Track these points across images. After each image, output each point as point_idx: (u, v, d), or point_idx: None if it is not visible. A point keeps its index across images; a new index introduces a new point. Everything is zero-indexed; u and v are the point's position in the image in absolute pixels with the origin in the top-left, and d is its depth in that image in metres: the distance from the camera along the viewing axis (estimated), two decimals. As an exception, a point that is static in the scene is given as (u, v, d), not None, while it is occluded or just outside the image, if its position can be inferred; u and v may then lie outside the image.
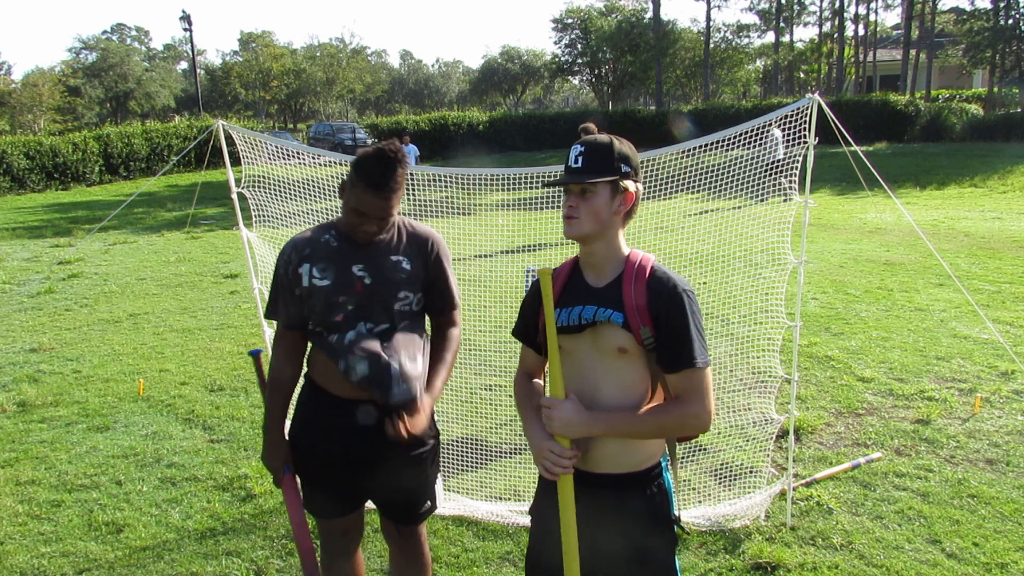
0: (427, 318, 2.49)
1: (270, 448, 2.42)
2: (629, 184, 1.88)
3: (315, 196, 4.10)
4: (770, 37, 43.80)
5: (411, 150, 17.48)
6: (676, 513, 1.97)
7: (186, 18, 40.16)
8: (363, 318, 2.27)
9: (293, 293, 2.30)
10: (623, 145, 1.90)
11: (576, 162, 1.87)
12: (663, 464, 1.97)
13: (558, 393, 1.86)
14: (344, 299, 2.25)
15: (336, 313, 2.26)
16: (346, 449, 2.35)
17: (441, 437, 2.56)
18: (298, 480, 2.46)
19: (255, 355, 2.70)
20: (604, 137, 1.91)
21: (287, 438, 2.46)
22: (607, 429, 1.84)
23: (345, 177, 2.26)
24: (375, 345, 2.24)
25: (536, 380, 2.14)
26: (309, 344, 2.41)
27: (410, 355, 2.28)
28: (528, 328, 2.08)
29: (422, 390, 2.29)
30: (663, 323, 1.81)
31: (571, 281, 1.97)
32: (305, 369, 2.44)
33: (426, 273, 2.35)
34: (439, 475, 2.52)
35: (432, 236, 2.38)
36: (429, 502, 2.49)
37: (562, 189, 1.91)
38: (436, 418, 2.49)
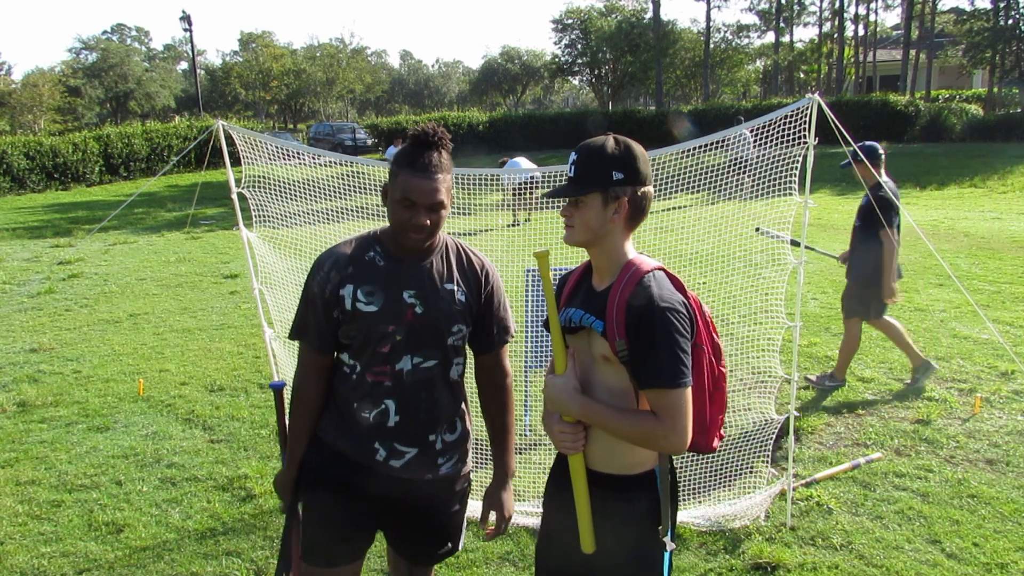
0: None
1: (287, 475, 2.20)
2: (625, 192, 1.82)
3: (315, 196, 4.10)
4: (770, 37, 43.87)
5: None
6: (661, 526, 1.92)
7: (186, 18, 40.16)
8: (412, 350, 2.05)
9: (331, 315, 2.05)
10: (618, 149, 1.82)
11: (571, 170, 1.84)
12: (656, 472, 1.94)
13: (559, 370, 1.88)
14: (393, 328, 2.02)
15: (383, 344, 2.03)
16: (367, 482, 2.12)
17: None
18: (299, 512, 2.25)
19: (277, 388, 2.40)
20: (599, 141, 1.84)
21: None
22: (582, 413, 1.84)
23: (384, 181, 2.07)
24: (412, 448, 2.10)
25: None
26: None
27: (450, 424, 2.18)
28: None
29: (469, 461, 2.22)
30: (636, 338, 1.76)
31: (581, 281, 1.98)
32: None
33: (479, 306, 2.14)
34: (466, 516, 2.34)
35: (488, 265, 2.17)
36: (451, 543, 2.27)
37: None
38: (470, 455, 2.32)
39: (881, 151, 5.24)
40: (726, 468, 4.19)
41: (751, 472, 4.13)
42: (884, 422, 4.78)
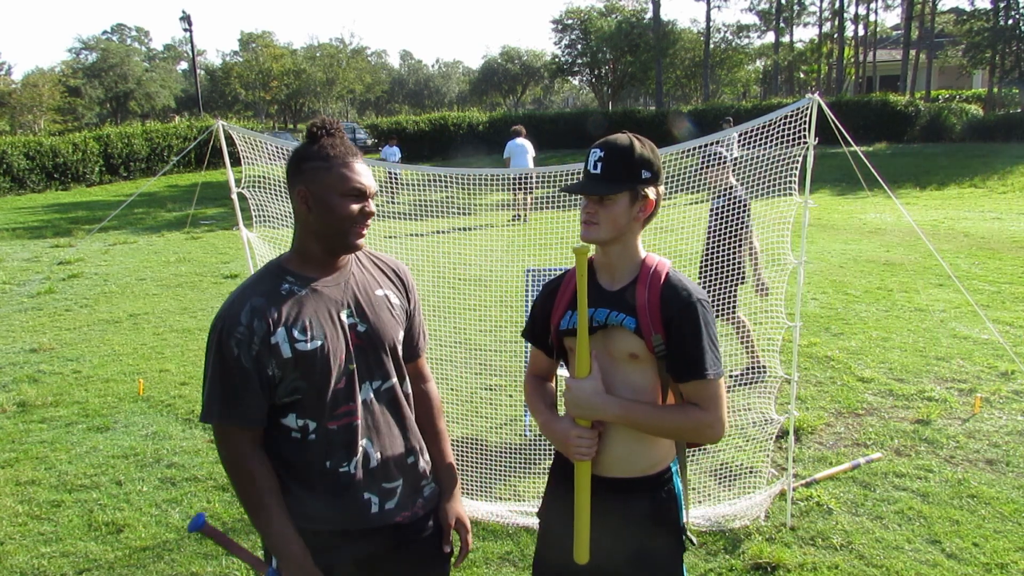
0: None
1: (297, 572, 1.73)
2: (650, 191, 1.83)
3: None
4: (770, 37, 43.85)
5: (395, 152, 18.90)
6: (685, 521, 1.94)
7: (186, 18, 40.16)
8: (370, 375, 1.83)
9: (264, 374, 1.71)
10: (644, 148, 1.83)
11: (595, 168, 1.82)
12: (673, 470, 1.94)
13: (583, 372, 1.83)
14: (344, 357, 1.78)
15: (339, 380, 1.78)
16: (370, 549, 1.87)
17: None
18: None
19: (200, 526, 1.83)
20: (624, 139, 1.83)
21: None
22: (622, 414, 1.81)
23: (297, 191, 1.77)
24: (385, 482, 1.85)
25: (547, 383, 2.10)
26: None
27: (421, 446, 1.98)
28: (538, 329, 2.03)
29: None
30: (675, 332, 1.78)
31: None
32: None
33: (409, 307, 1.97)
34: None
35: (400, 264, 2.01)
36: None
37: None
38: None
39: (726, 155, 5.23)
40: (726, 468, 4.20)
41: (751, 472, 4.14)
42: (884, 422, 4.78)
